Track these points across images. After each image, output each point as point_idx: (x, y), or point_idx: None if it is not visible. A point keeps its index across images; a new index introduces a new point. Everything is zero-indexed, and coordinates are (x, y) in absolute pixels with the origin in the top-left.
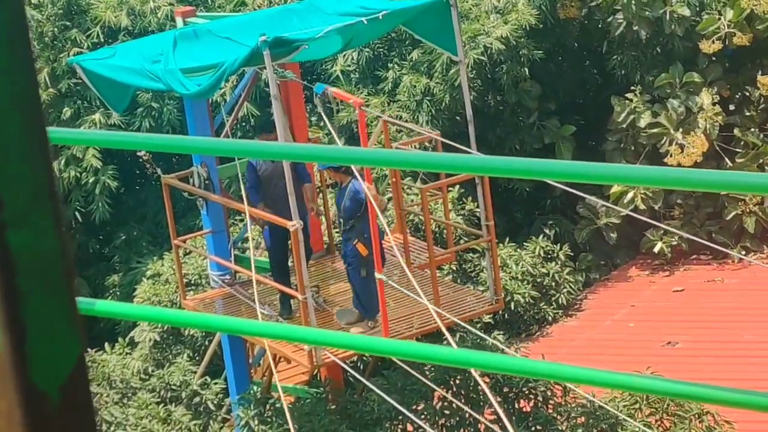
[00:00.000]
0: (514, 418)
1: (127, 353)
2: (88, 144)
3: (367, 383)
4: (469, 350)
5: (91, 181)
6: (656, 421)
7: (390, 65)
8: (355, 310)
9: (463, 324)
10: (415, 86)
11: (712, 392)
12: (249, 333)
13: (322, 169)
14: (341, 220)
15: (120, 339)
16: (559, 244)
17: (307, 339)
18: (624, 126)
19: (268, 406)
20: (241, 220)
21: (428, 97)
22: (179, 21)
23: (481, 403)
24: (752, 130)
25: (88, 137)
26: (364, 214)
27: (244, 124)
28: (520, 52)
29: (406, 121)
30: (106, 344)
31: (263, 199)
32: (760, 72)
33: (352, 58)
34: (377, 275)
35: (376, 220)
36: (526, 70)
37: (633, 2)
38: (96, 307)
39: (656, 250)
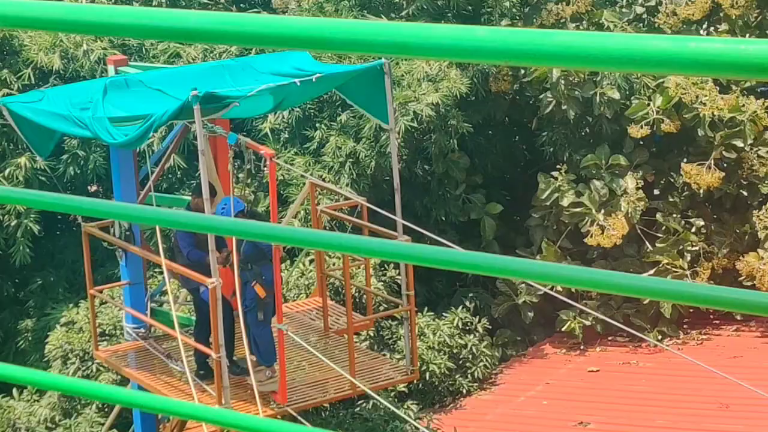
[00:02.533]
0: None
1: (35, 401)
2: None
3: None
4: None
5: (13, 224)
6: None
7: (318, 125)
8: (270, 375)
9: (374, 395)
10: (340, 148)
11: None
12: (150, 408)
13: (238, 211)
14: (241, 264)
15: (29, 386)
16: (478, 317)
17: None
18: (548, 203)
19: None
20: (160, 273)
21: (352, 160)
22: (111, 69)
23: None
24: (674, 215)
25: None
26: (263, 257)
27: (170, 175)
28: (449, 123)
29: (331, 182)
30: (14, 390)
31: (203, 259)
32: (685, 159)
33: (282, 117)
34: (277, 325)
35: (279, 266)
36: (455, 141)
37: (563, 82)
38: None
39: (565, 329)
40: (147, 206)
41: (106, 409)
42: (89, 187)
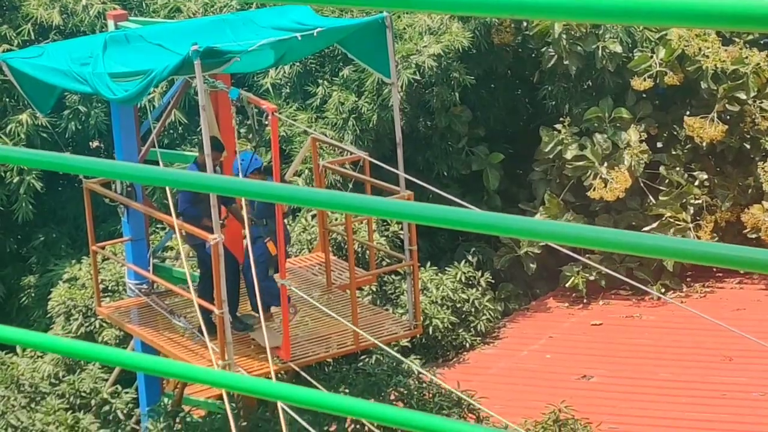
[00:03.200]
0: None
1: (38, 357)
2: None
3: (279, 402)
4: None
5: (15, 180)
6: None
7: (320, 81)
8: (276, 329)
9: (383, 346)
10: (343, 104)
11: None
12: (150, 370)
13: (247, 175)
14: (254, 219)
15: (31, 348)
16: (480, 271)
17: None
18: (551, 157)
19: (177, 420)
20: (163, 229)
21: (355, 116)
22: (111, 24)
23: (394, 428)
24: (677, 168)
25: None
26: (272, 213)
27: (171, 131)
28: (451, 75)
29: (335, 138)
30: (18, 346)
31: (203, 214)
32: (688, 112)
33: (284, 72)
34: (280, 280)
35: (282, 221)
36: (457, 94)
37: (564, 36)
38: None
39: (568, 284)
40: (151, 166)
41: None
42: (90, 143)
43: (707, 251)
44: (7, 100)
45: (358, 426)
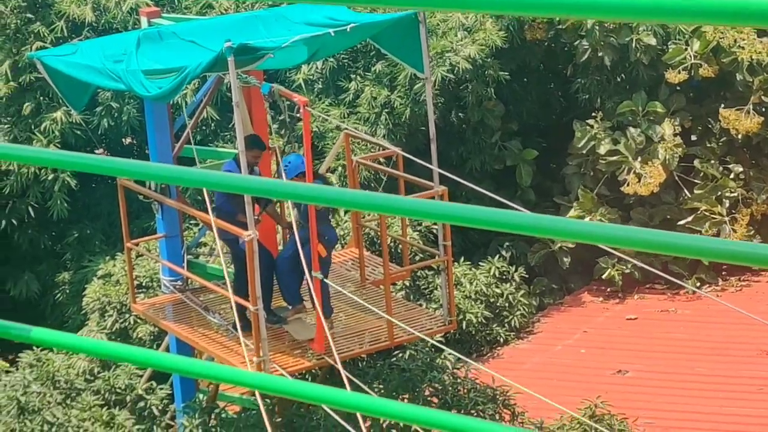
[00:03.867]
0: None
1: (73, 353)
2: (28, 162)
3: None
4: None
5: (50, 178)
6: None
7: (353, 76)
8: (310, 322)
9: (419, 335)
10: (375, 98)
11: None
12: (187, 372)
13: (291, 177)
14: (301, 222)
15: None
16: (514, 266)
17: (245, 382)
18: (584, 152)
19: (213, 416)
20: (197, 225)
21: (387, 110)
22: (144, 21)
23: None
24: (712, 162)
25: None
26: (324, 216)
27: (204, 128)
28: (486, 72)
29: (367, 133)
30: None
31: (238, 210)
32: (722, 105)
33: (316, 68)
34: (314, 273)
35: (315, 216)
36: (492, 90)
37: (597, 29)
38: (31, 334)
39: (604, 276)
40: (186, 168)
41: None
42: (124, 140)
43: (742, 251)
44: (42, 98)
45: (393, 422)
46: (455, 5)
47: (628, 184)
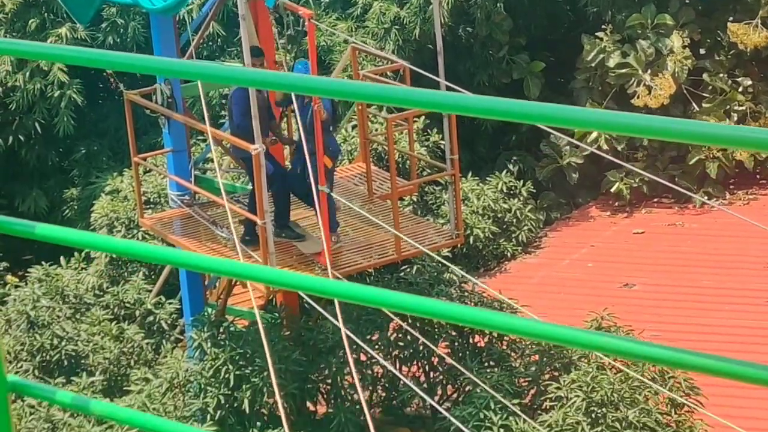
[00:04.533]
0: (468, 352)
1: (82, 268)
2: (40, 58)
3: (322, 311)
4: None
5: (56, 94)
6: (608, 363)
7: None
8: (317, 237)
9: (425, 251)
10: (384, 14)
11: (698, 361)
12: (196, 267)
13: None
14: (306, 135)
15: (75, 254)
16: (521, 181)
17: (260, 278)
18: (593, 65)
19: (221, 329)
20: (204, 140)
21: (397, 26)
22: None
23: (436, 336)
24: (721, 75)
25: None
26: (327, 128)
27: (210, 43)
28: None
29: (376, 48)
30: (62, 258)
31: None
32: (731, 18)
33: None
34: (321, 187)
35: (321, 129)
36: (501, 5)
37: None
38: (36, 230)
39: (612, 190)
40: (196, 62)
41: (153, 276)
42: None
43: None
44: (46, 13)
45: (399, 335)
46: None
47: (638, 97)
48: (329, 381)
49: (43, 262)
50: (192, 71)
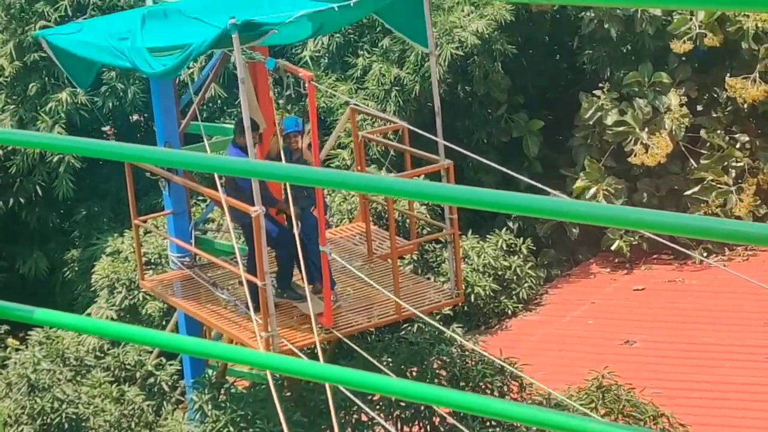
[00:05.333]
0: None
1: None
2: (30, 146)
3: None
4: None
5: (55, 159)
6: (611, 420)
7: (360, 52)
8: (319, 297)
9: (422, 316)
10: (384, 75)
11: None
12: (190, 352)
13: (289, 132)
14: (295, 192)
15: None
16: (521, 238)
17: (255, 362)
18: (591, 123)
19: (222, 391)
20: (204, 201)
21: (397, 87)
22: None
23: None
24: (718, 131)
25: (29, 139)
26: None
27: (211, 104)
28: (494, 47)
29: (377, 109)
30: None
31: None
32: (728, 74)
33: (322, 44)
34: (322, 248)
35: (322, 190)
36: (499, 64)
37: None
38: (34, 315)
39: (614, 247)
40: (191, 153)
41: None
42: (131, 117)
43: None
44: (47, 78)
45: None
46: None
47: (635, 155)
48: None
49: (43, 325)
50: (193, 162)
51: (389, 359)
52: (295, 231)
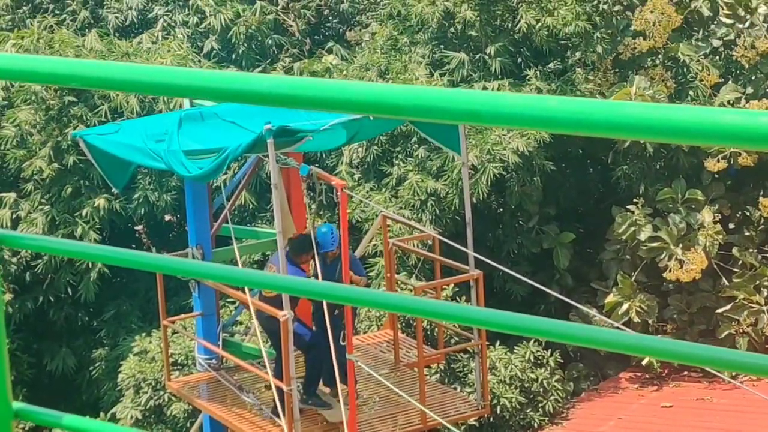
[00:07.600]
0: None
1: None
2: (41, 251)
3: None
4: None
5: (83, 265)
6: None
7: (395, 161)
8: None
9: (447, 425)
10: (419, 185)
11: None
12: None
13: (326, 251)
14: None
15: (102, 414)
16: (549, 351)
17: None
18: (623, 237)
19: None
20: (233, 303)
21: (433, 198)
22: (186, 102)
23: None
24: (751, 250)
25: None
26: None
27: (243, 210)
28: (533, 163)
29: (408, 218)
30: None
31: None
32: (761, 193)
33: (357, 153)
34: (348, 356)
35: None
36: (538, 179)
37: None
38: (63, 421)
39: (644, 363)
40: (223, 266)
41: None
42: (165, 217)
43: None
44: (82, 181)
45: None
46: (496, 121)
47: (670, 271)
48: None
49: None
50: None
51: None
52: (330, 335)
